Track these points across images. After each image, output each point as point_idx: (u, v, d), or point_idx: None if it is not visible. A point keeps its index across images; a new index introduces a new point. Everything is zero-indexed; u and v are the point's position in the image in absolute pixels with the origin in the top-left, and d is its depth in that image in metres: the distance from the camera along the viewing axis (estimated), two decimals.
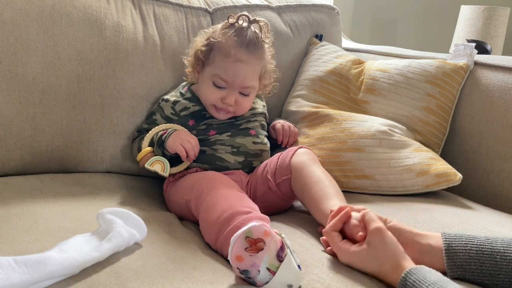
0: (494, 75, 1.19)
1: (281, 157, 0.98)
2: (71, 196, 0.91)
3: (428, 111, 1.19)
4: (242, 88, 1.01)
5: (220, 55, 1.00)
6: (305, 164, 0.93)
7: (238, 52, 0.99)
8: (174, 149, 0.97)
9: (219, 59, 1.00)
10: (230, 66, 0.99)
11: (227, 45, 1.00)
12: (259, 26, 1.04)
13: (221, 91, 1.01)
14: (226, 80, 1.00)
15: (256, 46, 1.01)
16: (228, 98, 1.00)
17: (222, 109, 1.02)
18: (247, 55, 0.99)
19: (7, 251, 0.67)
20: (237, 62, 0.99)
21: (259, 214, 0.77)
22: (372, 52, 1.46)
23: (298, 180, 0.92)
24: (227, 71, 0.99)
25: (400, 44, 2.03)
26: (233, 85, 1.00)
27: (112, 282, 0.63)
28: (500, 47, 2.17)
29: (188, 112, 1.05)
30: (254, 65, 1.02)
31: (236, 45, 0.99)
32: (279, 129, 1.13)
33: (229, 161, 1.01)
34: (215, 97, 1.01)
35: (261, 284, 0.65)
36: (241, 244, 0.63)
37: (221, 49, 1.00)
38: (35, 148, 1.02)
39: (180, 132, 1.01)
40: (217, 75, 1.00)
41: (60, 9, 1.02)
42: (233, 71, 0.99)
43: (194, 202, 0.87)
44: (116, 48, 1.07)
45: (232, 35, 1.00)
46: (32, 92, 0.99)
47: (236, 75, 0.99)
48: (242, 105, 1.03)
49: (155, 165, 0.97)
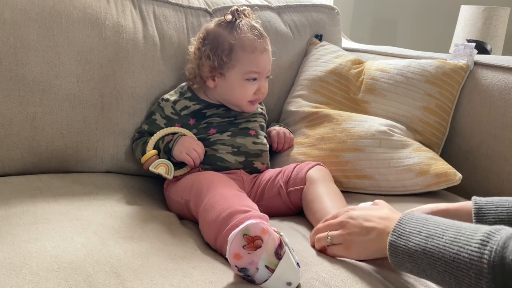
0: (494, 75, 1.19)
1: (297, 167, 0.99)
2: (71, 196, 0.91)
3: (428, 111, 1.19)
4: (268, 73, 1.06)
5: (245, 52, 1.02)
6: (321, 179, 0.95)
7: (260, 43, 1.03)
8: (181, 158, 0.99)
9: (246, 57, 1.02)
10: (260, 58, 1.03)
11: (248, 41, 1.02)
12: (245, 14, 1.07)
13: (254, 83, 1.04)
14: (259, 72, 1.04)
15: (263, 31, 1.06)
16: (262, 87, 1.06)
17: (255, 100, 1.07)
18: (265, 42, 1.05)
19: (7, 251, 0.67)
20: (263, 52, 1.04)
21: (258, 212, 0.77)
22: (372, 52, 1.46)
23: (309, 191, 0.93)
24: (258, 63, 1.03)
25: (400, 44, 2.03)
26: (263, 74, 1.05)
27: (112, 282, 0.63)
28: (500, 47, 2.17)
29: (188, 111, 1.06)
30: (270, 49, 1.07)
31: (255, 39, 1.03)
32: (273, 136, 1.14)
33: (230, 161, 1.01)
34: (250, 92, 1.05)
35: (260, 282, 0.65)
36: (239, 242, 0.63)
37: (244, 47, 1.02)
38: (35, 148, 1.02)
39: (186, 138, 1.01)
40: (251, 70, 1.03)
41: (60, 9, 1.02)
42: (263, 61, 1.04)
43: (193, 201, 0.87)
44: (116, 48, 1.07)
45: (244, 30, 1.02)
46: (32, 92, 0.99)
47: (266, 63, 1.05)
48: (266, 89, 1.08)
49: (160, 167, 0.98)
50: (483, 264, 0.52)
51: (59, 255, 0.67)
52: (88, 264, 0.66)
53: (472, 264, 0.53)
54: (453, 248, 0.56)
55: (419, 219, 0.63)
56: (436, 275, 0.58)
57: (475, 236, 0.55)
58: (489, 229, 0.55)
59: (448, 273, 0.56)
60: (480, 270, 0.52)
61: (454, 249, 0.55)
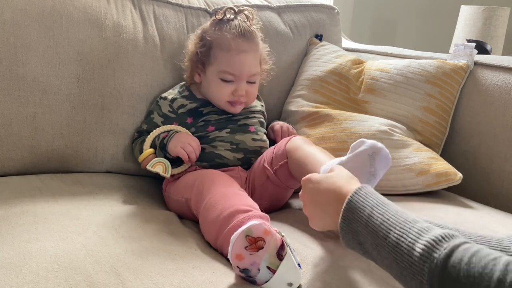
0: (494, 75, 1.19)
1: (276, 146, 1.00)
2: (71, 196, 0.91)
3: (428, 111, 1.19)
4: (249, 77, 1.03)
5: (221, 51, 1.02)
6: (300, 146, 0.94)
7: (238, 43, 1.01)
8: (176, 152, 0.98)
9: (221, 55, 1.02)
10: (235, 58, 1.01)
11: (225, 39, 1.01)
12: (245, 15, 1.06)
13: (231, 85, 1.02)
14: (233, 73, 1.01)
15: (251, 33, 1.04)
16: (239, 90, 1.02)
17: (235, 102, 1.04)
18: (247, 44, 1.02)
19: (7, 251, 0.67)
20: (240, 53, 1.01)
21: (259, 212, 0.77)
22: (372, 52, 1.46)
23: (294, 160, 0.93)
24: (232, 64, 1.01)
25: (400, 44, 2.03)
26: (240, 77, 1.02)
27: (112, 282, 0.63)
28: (500, 47, 2.17)
29: (185, 109, 1.06)
30: (255, 51, 1.04)
31: (234, 38, 1.01)
32: (277, 130, 1.14)
33: (228, 158, 1.01)
34: (226, 92, 1.03)
35: (261, 283, 0.65)
36: (241, 243, 0.64)
37: (221, 45, 1.02)
38: (35, 148, 1.02)
39: (181, 134, 1.01)
40: (224, 70, 1.01)
41: (60, 9, 1.02)
42: (238, 63, 1.01)
43: (194, 200, 0.87)
44: (116, 48, 1.07)
45: (227, 28, 1.02)
46: (32, 92, 0.99)
47: (242, 66, 1.01)
48: (252, 93, 1.06)
49: (157, 166, 0.98)
50: (423, 280, 0.50)
51: (59, 255, 0.67)
52: (88, 264, 0.66)
53: (414, 277, 0.51)
54: (395, 254, 0.54)
55: (369, 204, 0.59)
56: (383, 266, 0.58)
57: (418, 241, 0.52)
58: (433, 237, 0.51)
59: (393, 272, 0.55)
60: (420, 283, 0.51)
61: (397, 255, 0.53)
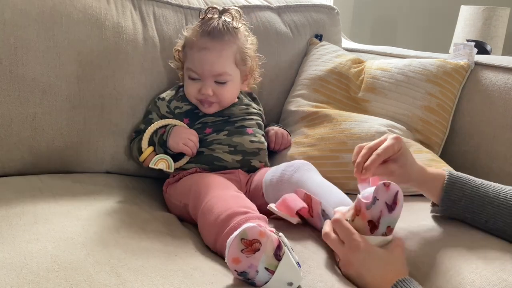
0: (494, 75, 1.19)
1: None
2: (71, 196, 0.91)
3: (429, 110, 1.19)
4: (215, 76, 1.02)
5: (188, 49, 1.03)
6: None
7: (200, 40, 1.01)
8: (179, 150, 0.99)
9: (189, 53, 1.03)
10: (196, 56, 1.01)
11: (191, 37, 1.03)
12: (231, 14, 1.05)
13: (197, 83, 1.03)
14: (196, 71, 1.01)
15: (221, 32, 1.01)
16: (204, 89, 1.01)
17: (203, 101, 1.03)
18: (211, 42, 1.00)
19: (7, 251, 0.67)
20: (201, 50, 1.01)
21: (257, 213, 0.77)
22: (372, 52, 1.46)
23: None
24: (194, 62, 1.01)
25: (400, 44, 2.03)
26: (203, 75, 1.01)
27: (112, 282, 0.63)
28: (500, 47, 2.17)
29: (181, 110, 1.06)
30: (220, 50, 1.01)
31: (198, 35, 1.01)
32: (271, 136, 1.14)
33: (227, 160, 1.01)
34: (193, 90, 1.03)
35: (261, 284, 0.65)
36: (237, 246, 0.63)
37: (189, 43, 1.03)
38: (35, 148, 1.02)
39: (179, 129, 1.01)
40: (189, 68, 1.03)
41: (60, 9, 1.02)
42: (198, 60, 1.01)
43: (192, 205, 0.87)
44: (116, 49, 1.07)
45: (197, 27, 1.03)
46: (32, 93, 0.99)
47: (203, 63, 1.00)
48: (222, 94, 1.03)
49: (160, 163, 0.99)
50: None
51: (59, 255, 0.67)
52: (89, 264, 0.66)
53: None
54: None
55: None
56: None
57: None
58: None
59: None
60: None
61: None
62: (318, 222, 0.84)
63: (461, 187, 0.80)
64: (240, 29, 1.05)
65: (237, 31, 1.04)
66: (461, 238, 0.84)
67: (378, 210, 0.74)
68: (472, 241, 0.82)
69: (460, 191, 0.80)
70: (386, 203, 0.74)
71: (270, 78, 1.27)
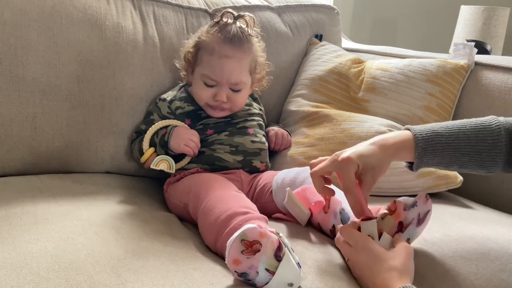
0: (494, 75, 1.19)
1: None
2: (71, 196, 0.91)
3: (429, 110, 1.19)
4: (231, 85, 1.01)
5: (206, 54, 1.02)
6: None
7: (222, 48, 1.00)
8: (181, 150, 0.99)
9: (206, 58, 1.02)
10: (216, 63, 1.00)
11: (211, 42, 1.01)
12: (245, 20, 1.05)
13: (212, 89, 1.02)
14: (214, 79, 1.01)
15: (241, 40, 1.01)
16: (219, 95, 1.01)
17: (216, 106, 1.03)
18: (232, 50, 1.00)
19: (7, 251, 0.67)
20: (222, 58, 1.00)
21: (257, 214, 0.77)
22: (372, 52, 1.47)
23: None
24: (214, 69, 1.00)
25: (400, 44, 2.03)
26: (221, 82, 1.01)
27: (112, 282, 0.63)
28: (500, 47, 2.17)
29: (183, 111, 1.06)
30: (240, 59, 1.01)
31: (219, 41, 1.00)
32: (271, 136, 1.13)
33: (228, 161, 1.01)
34: (207, 96, 1.02)
35: (261, 285, 0.64)
36: (237, 248, 0.63)
37: (206, 47, 1.02)
38: (35, 148, 1.02)
39: (180, 129, 1.01)
40: (206, 74, 1.01)
41: (60, 9, 1.02)
42: (219, 68, 1.00)
43: (192, 205, 0.87)
44: (116, 49, 1.07)
45: (216, 32, 1.02)
46: (32, 93, 0.99)
47: (223, 71, 1.00)
48: (236, 101, 1.03)
49: (161, 164, 0.99)
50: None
51: (59, 255, 0.67)
52: (89, 264, 0.66)
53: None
54: None
55: None
56: None
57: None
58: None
59: None
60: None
61: None
62: (328, 220, 0.84)
63: (433, 149, 0.76)
64: (255, 38, 1.06)
65: (251, 38, 1.04)
66: (460, 238, 0.84)
67: (412, 217, 0.76)
68: (472, 241, 0.82)
69: (432, 153, 0.76)
70: (419, 215, 0.77)
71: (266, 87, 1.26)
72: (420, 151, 0.75)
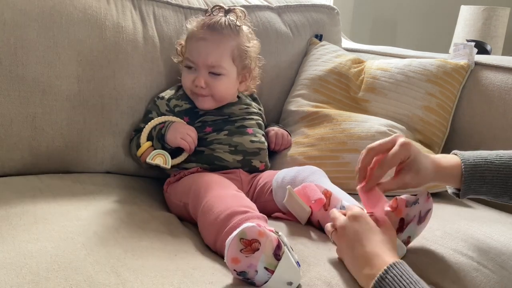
0: (494, 75, 1.19)
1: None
2: (71, 196, 0.91)
3: (429, 110, 1.19)
4: (209, 67, 1.02)
5: (187, 39, 1.06)
6: None
7: (200, 31, 1.03)
8: (177, 144, 0.99)
9: (188, 42, 1.05)
10: (193, 45, 1.03)
11: (193, 28, 1.05)
12: (235, 13, 1.07)
13: (192, 73, 1.04)
14: (192, 60, 1.03)
15: (221, 26, 1.03)
16: (197, 79, 1.02)
17: (197, 94, 1.04)
18: (209, 33, 1.02)
19: (8, 251, 0.67)
20: (199, 40, 1.03)
21: (257, 213, 0.77)
22: (372, 52, 1.47)
23: None
24: (191, 51, 1.03)
25: (400, 44, 2.03)
26: (198, 63, 1.02)
27: (112, 282, 0.63)
28: (500, 47, 2.17)
29: (181, 109, 1.07)
30: (218, 42, 1.02)
31: (199, 26, 1.04)
32: (272, 136, 1.14)
33: (228, 160, 1.01)
34: (188, 81, 1.04)
35: (260, 284, 0.64)
36: (236, 246, 0.63)
37: (189, 34, 1.05)
38: (35, 148, 1.02)
39: (178, 124, 1.02)
40: (187, 57, 1.04)
41: (60, 9, 1.02)
42: (195, 49, 1.03)
43: (192, 205, 0.87)
44: (116, 49, 1.07)
45: (200, 20, 1.06)
46: (32, 92, 0.99)
47: (199, 52, 1.02)
48: (215, 87, 1.03)
49: (157, 158, 0.98)
50: None
51: (59, 255, 0.67)
52: (89, 264, 0.66)
53: None
54: None
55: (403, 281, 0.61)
56: None
57: None
58: None
59: None
60: None
61: None
62: (328, 217, 0.84)
63: (481, 176, 0.75)
64: (243, 28, 1.07)
65: (239, 29, 1.05)
66: (461, 236, 0.84)
67: (413, 214, 0.76)
68: (472, 239, 0.82)
69: (480, 179, 0.75)
70: (420, 213, 0.77)
71: (270, 78, 1.27)
72: (467, 176, 0.74)
